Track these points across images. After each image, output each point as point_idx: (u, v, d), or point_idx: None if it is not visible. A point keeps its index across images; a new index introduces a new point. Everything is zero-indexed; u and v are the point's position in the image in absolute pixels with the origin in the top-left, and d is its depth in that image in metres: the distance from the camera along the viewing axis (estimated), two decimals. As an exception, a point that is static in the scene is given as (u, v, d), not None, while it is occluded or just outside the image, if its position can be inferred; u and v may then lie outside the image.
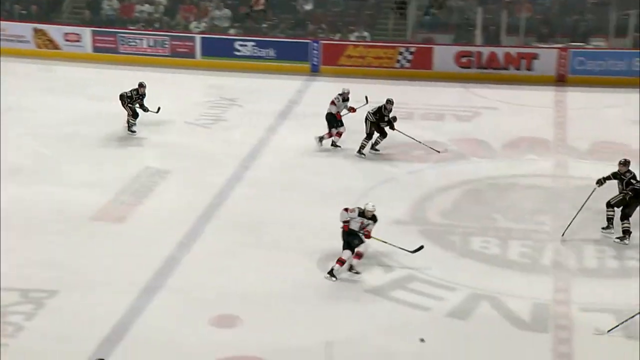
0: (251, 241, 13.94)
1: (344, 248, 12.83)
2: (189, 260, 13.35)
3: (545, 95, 21.34)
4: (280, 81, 22.58)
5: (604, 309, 11.98)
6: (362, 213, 12.86)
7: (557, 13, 24.50)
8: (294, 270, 13.00)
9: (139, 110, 18.61)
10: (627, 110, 19.93)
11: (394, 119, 17.51)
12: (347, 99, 18.12)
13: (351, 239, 12.84)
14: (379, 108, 17.45)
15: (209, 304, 11.90)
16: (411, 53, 23.19)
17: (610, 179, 14.27)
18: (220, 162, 17.31)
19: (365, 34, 24.65)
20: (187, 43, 24.68)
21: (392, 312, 12.00)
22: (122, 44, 25.02)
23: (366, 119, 17.55)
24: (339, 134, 18.03)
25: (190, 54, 24.55)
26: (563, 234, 13.96)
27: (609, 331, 11.09)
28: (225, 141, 18.29)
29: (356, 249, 12.92)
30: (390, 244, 13.09)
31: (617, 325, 11.11)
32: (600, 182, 14.29)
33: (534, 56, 22.63)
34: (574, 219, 13.96)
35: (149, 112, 18.72)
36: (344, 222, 12.82)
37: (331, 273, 12.76)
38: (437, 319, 11.82)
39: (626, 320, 11.16)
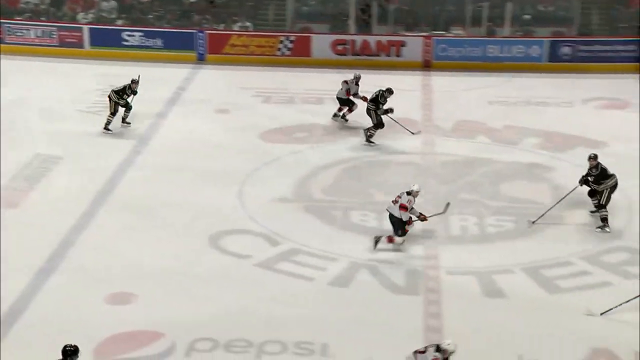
0: (144, 222, 13.87)
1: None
2: (83, 242, 13.19)
3: (413, 80, 21.78)
4: (168, 69, 22.34)
5: (467, 272, 12.52)
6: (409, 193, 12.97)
7: (421, 4, 24.97)
8: (186, 248, 13.02)
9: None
10: (484, 92, 20.58)
11: (391, 110, 17.40)
12: (358, 83, 18.33)
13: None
14: (376, 96, 17.48)
15: (104, 283, 11.83)
16: (291, 42, 23.29)
17: (587, 176, 14.06)
18: (112, 147, 17.06)
19: (248, 24, 24.62)
20: (74, 33, 23.99)
21: (279, 284, 12.17)
22: (9, 34, 24.16)
23: (368, 109, 17.58)
24: (351, 110, 18.33)
25: (79, 44, 23.90)
26: (533, 222, 13.91)
27: (601, 314, 11.11)
28: (116, 127, 18.00)
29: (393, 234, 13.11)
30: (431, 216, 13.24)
31: (612, 309, 11.09)
32: (582, 182, 14.11)
33: (402, 44, 23.05)
34: (550, 209, 14.03)
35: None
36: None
37: (377, 241, 13.02)
38: (321, 288, 12.07)
39: (625, 303, 11.15)
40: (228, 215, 14.03)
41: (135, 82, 17.89)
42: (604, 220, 13.81)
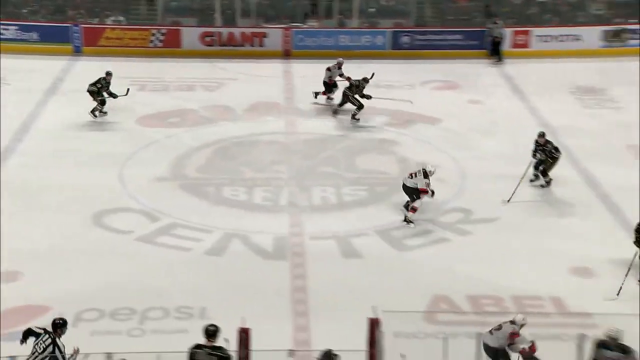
0: (29, 205, 13.46)
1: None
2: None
3: (275, 67, 21.86)
4: (45, 61, 21.53)
5: (327, 237, 12.77)
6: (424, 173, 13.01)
7: (280, -2, 25.12)
8: (71, 227, 12.75)
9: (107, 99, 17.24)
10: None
11: (369, 97, 17.41)
12: (341, 67, 18.35)
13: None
14: (356, 84, 17.50)
15: (-6, 263, 11.43)
16: (162, 34, 22.91)
17: (535, 152, 14.23)
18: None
19: (121, 18, 24.02)
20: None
21: (159, 255, 12.10)
22: None
23: (344, 94, 17.67)
24: (330, 96, 18.45)
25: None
26: (509, 200, 13.75)
27: (618, 294, 10.84)
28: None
29: (412, 204, 13.09)
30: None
31: (621, 288, 10.91)
32: (534, 155, 14.20)
33: (264, 35, 23.07)
34: (517, 187, 13.88)
35: (118, 97, 17.27)
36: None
37: (407, 220, 13.11)
38: (197, 257, 12.08)
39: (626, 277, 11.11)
40: (110, 195, 13.79)
41: (109, 74, 17.30)
42: (549, 182, 14.27)
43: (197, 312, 10.43)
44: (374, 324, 7.49)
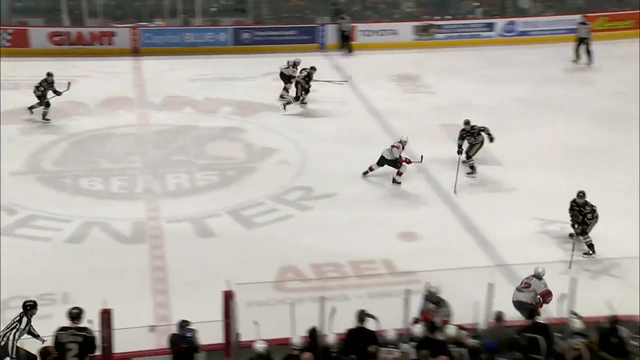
0: None
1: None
2: None
3: (125, 64, 21.13)
4: None
5: (183, 219, 12.59)
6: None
7: (126, -1, 24.27)
8: None
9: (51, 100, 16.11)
10: (186, 72, 20.54)
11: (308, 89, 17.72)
12: (296, 66, 18.13)
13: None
14: (308, 74, 17.66)
15: None
16: (9, 34, 21.56)
17: (463, 139, 14.15)
18: None
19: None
20: None
21: (20, 246, 11.50)
22: None
23: (297, 83, 17.72)
24: (287, 90, 18.15)
25: None
26: (455, 191, 13.54)
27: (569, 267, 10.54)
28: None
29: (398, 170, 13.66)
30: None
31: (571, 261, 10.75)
32: (460, 150, 14.10)
33: (113, 34, 22.21)
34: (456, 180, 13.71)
35: (62, 93, 16.45)
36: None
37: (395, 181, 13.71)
38: (58, 246, 11.59)
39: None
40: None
41: (50, 74, 16.25)
42: (473, 167, 14.31)
43: (59, 298, 10.00)
44: (227, 296, 7.48)
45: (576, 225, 11.36)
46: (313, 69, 18.00)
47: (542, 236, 12.03)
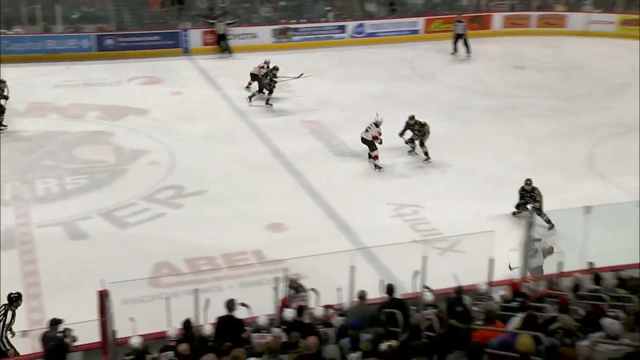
0: None
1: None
2: None
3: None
4: None
5: (54, 224, 12.10)
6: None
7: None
8: None
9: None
10: (49, 78, 19.62)
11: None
12: (267, 66, 18.00)
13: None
14: (270, 71, 17.75)
15: None
16: None
17: (406, 129, 14.72)
18: None
19: None
20: None
21: None
22: None
23: (260, 81, 17.80)
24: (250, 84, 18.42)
25: None
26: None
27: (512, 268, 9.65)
28: None
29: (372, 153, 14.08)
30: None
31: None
32: (402, 137, 14.65)
33: (-31, 42, 20.86)
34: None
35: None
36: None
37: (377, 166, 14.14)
38: None
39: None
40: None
41: (2, 81, 15.16)
42: (427, 155, 14.66)
43: None
44: (102, 296, 7.25)
45: (530, 207, 11.91)
46: (276, 68, 17.96)
47: (396, 220, 12.49)
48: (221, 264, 10.93)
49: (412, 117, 14.90)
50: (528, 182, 12.16)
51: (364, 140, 14.41)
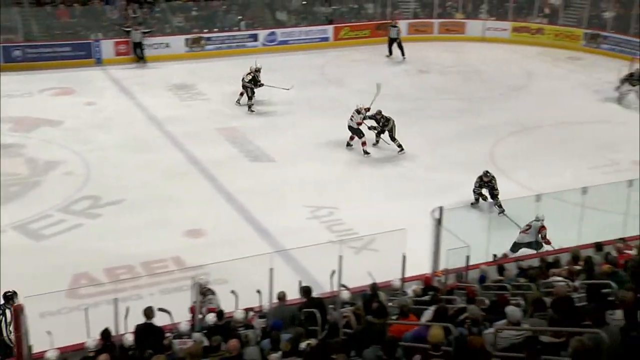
0: None
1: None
2: None
3: None
4: None
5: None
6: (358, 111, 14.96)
7: None
8: None
9: None
10: None
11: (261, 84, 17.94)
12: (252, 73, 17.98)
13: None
14: (253, 77, 17.85)
15: None
16: None
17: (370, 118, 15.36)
18: None
19: None
20: None
21: None
22: None
23: (244, 86, 17.89)
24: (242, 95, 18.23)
25: None
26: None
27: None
28: None
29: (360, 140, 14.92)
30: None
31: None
32: (370, 131, 15.33)
33: None
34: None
35: None
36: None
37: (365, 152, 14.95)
38: None
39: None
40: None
41: None
42: (401, 147, 15.28)
43: None
44: (17, 310, 6.93)
45: (488, 195, 12.65)
46: (258, 71, 18.12)
47: (312, 221, 12.53)
48: (141, 272, 10.65)
49: (379, 112, 15.52)
50: (487, 173, 12.76)
51: (350, 128, 15.23)
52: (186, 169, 14.63)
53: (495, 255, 10.18)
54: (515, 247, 10.87)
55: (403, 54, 22.90)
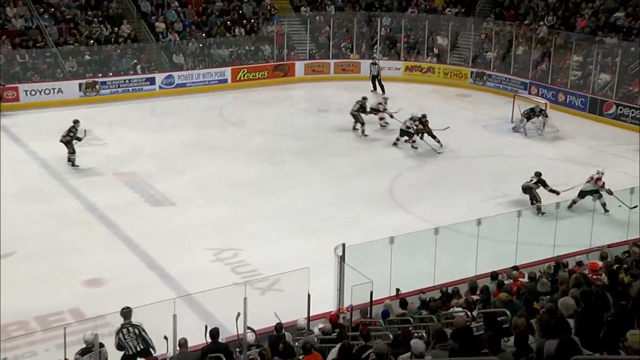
0: None
1: None
2: None
3: None
4: None
5: None
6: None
7: None
8: None
9: None
10: None
11: None
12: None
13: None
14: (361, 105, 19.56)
15: None
16: None
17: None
18: None
19: None
20: None
21: None
22: None
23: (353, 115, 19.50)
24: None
25: None
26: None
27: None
28: None
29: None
30: None
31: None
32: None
33: None
34: None
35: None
36: None
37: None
38: None
39: None
40: None
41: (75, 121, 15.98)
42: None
43: None
44: None
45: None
46: (364, 99, 19.60)
47: (216, 264, 12.37)
48: (35, 327, 10.10)
49: (424, 115, 18.53)
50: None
51: (402, 132, 18.28)
52: (84, 216, 14.15)
53: (398, 290, 10.39)
54: (582, 194, 14.04)
55: (383, 91, 23.66)
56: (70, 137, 16.73)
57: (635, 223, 12.27)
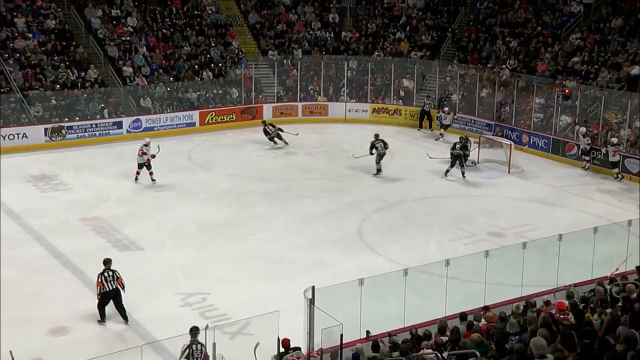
0: None
1: None
2: None
3: None
4: None
5: None
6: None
7: None
8: None
9: None
10: None
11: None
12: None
13: None
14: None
15: None
16: None
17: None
18: None
19: None
20: None
21: None
22: None
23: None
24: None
25: None
26: None
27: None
28: None
29: None
30: None
31: None
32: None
33: None
34: None
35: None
36: None
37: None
38: None
39: None
40: None
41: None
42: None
43: None
44: None
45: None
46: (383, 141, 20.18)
47: (185, 309, 12.21)
48: (-4, 379, 9.81)
49: (466, 137, 20.20)
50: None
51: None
52: (49, 262, 13.90)
53: (368, 332, 10.36)
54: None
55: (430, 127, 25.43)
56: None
57: (600, 263, 12.50)
